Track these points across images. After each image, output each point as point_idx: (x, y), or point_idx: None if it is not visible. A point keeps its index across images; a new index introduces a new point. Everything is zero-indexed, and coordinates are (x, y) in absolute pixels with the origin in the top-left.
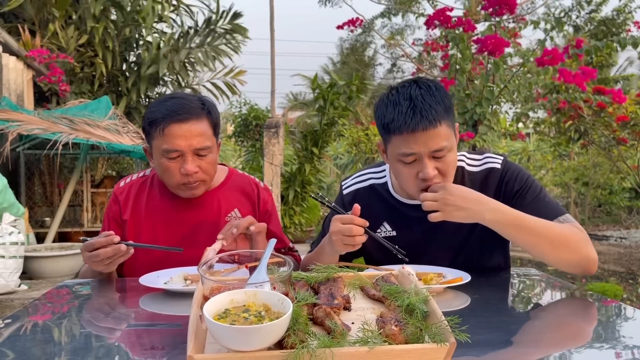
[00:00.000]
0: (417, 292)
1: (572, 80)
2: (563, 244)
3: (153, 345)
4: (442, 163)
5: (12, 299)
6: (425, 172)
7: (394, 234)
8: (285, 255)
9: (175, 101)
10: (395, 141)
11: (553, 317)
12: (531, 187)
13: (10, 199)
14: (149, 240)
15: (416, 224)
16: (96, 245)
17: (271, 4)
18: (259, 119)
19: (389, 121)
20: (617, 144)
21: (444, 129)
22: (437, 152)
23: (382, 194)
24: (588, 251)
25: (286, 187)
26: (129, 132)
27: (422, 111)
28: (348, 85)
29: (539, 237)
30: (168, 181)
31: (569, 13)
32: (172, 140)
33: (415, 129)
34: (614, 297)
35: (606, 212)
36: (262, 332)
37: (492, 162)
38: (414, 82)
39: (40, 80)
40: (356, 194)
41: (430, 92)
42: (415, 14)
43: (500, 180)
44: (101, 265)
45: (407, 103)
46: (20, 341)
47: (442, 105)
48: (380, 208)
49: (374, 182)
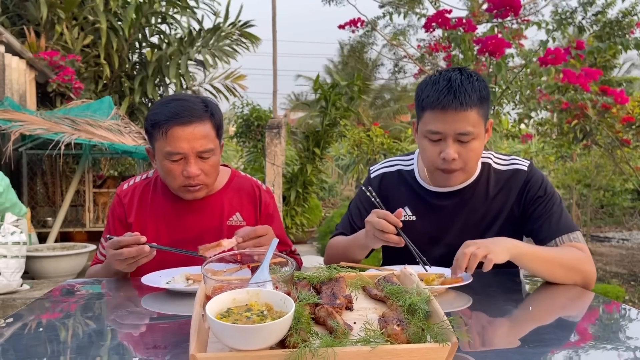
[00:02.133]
0: (419, 292)
1: (576, 81)
2: (572, 267)
3: (155, 345)
4: (465, 149)
5: (14, 298)
6: (446, 151)
7: (414, 219)
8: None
9: (178, 103)
10: (426, 117)
11: (555, 317)
12: (552, 197)
13: (12, 199)
14: (153, 242)
15: (436, 211)
16: (122, 244)
17: (273, 4)
18: (261, 120)
19: (425, 97)
20: (620, 145)
21: (473, 115)
22: (462, 135)
23: (407, 180)
24: (590, 270)
25: (288, 188)
26: (131, 132)
27: (456, 92)
28: (350, 86)
29: (554, 265)
30: (170, 183)
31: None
32: (175, 143)
33: (446, 107)
34: (616, 299)
35: (608, 213)
36: (264, 331)
37: (519, 163)
38: (458, 69)
39: (52, 80)
40: (383, 177)
41: (469, 80)
42: (418, 15)
43: (525, 182)
44: (123, 264)
45: (444, 83)
46: (22, 340)
47: (478, 93)
48: (404, 192)
49: (401, 167)
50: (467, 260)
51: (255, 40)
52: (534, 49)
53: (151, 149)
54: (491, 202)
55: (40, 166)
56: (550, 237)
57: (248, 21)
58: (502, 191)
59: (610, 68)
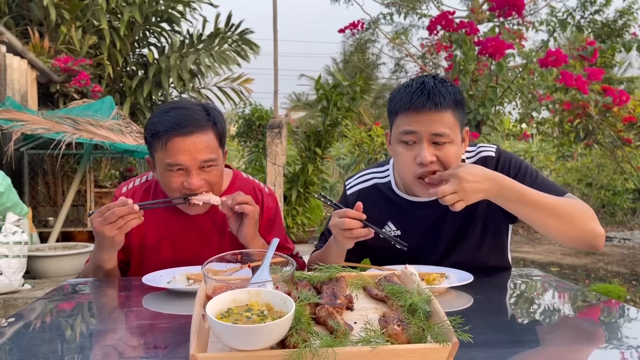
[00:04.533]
0: (420, 292)
1: (573, 84)
2: (568, 219)
3: (156, 344)
4: (441, 152)
5: (15, 298)
6: (422, 154)
7: (399, 233)
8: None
9: (179, 112)
10: (399, 121)
11: (556, 317)
12: (527, 171)
13: (14, 199)
14: (154, 247)
15: (420, 221)
16: (111, 207)
17: (274, 3)
18: (262, 119)
19: (398, 100)
20: (622, 144)
21: (448, 117)
22: (438, 136)
23: (385, 193)
24: (594, 226)
25: (289, 188)
26: (132, 132)
27: (430, 93)
28: (351, 85)
29: (544, 212)
30: (171, 195)
31: (572, 13)
32: (176, 155)
33: (420, 108)
34: (618, 299)
35: (610, 213)
36: (264, 331)
37: (486, 150)
38: (432, 76)
39: (70, 85)
40: (359, 194)
41: (443, 84)
42: (419, 14)
43: (495, 167)
44: (114, 229)
45: (417, 85)
46: (23, 340)
47: (452, 96)
48: (384, 207)
49: (377, 181)
50: (445, 196)
51: (255, 48)
52: (534, 49)
53: (151, 159)
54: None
55: (41, 166)
56: None
57: (246, 29)
58: None
59: (610, 67)
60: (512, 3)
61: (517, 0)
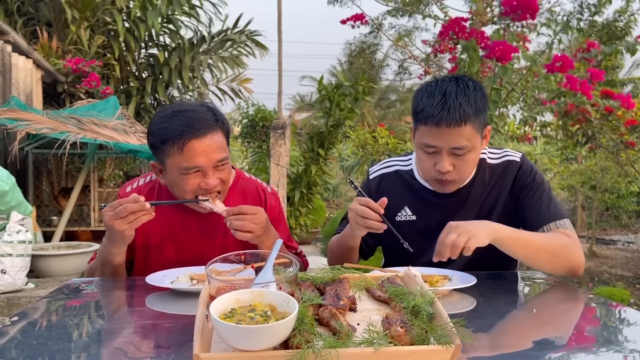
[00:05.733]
0: (423, 294)
1: (578, 88)
2: (556, 255)
3: (159, 344)
4: (460, 160)
5: (19, 297)
6: (441, 164)
7: (414, 218)
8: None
9: (187, 114)
10: (421, 130)
11: (559, 320)
12: (541, 185)
13: (18, 198)
14: (157, 247)
15: (436, 209)
16: (123, 202)
17: (279, 4)
18: (265, 120)
19: (419, 110)
20: (625, 147)
21: (468, 130)
22: (457, 149)
23: (406, 179)
24: (578, 258)
25: (292, 188)
26: (136, 132)
27: (450, 109)
28: (354, 86)
29: (537, 250)
30: (184, 197)
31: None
32: (193, 158)
33: (440, 123)
34: (621, 302)
35: (614, 216)
36: (267, 331)
37: (511, 155)
38: (455, 79)
39: (81, 87)
40: (382, 178)
41: (465, 92)
42: (424, 15)
43: (517, 172)
44: (124, 223)
45: (439, 97)
46: (27, 339)
47: (474, 106)
48: (403, 192)
49: (400, 168)
50: (449, 249)
51: (264, 49)
52: (538, 51)
53: (158, 164)
54: (487, 195)
55: (46, 165)
56: (538, 224)
57: (255, 31)
58: (497, 184)
59: (612, 69)
60: (526, 6)
61: (532, 3)
